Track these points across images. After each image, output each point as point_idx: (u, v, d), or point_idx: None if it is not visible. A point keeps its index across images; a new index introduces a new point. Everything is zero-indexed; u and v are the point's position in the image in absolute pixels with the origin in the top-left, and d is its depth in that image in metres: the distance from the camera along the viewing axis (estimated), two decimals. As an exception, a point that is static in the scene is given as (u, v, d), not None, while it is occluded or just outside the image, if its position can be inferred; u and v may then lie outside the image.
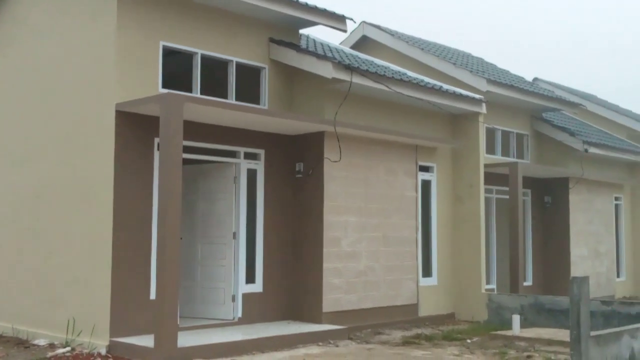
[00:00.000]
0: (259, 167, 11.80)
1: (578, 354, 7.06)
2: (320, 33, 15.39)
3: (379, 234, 12.67)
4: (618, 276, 19.38)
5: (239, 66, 11.90)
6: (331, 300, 11.70)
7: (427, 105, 13.54)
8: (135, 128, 10.15)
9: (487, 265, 15.51)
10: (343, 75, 11.65)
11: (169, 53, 11.04)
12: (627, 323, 10.50)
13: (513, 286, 14.64)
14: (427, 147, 13.89)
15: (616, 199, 19.53)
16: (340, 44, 17.29)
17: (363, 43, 17.66)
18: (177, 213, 9.09)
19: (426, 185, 14.10)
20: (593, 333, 7.34)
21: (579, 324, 7.07)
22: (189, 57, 11.34)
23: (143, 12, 10.53)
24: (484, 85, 15.15)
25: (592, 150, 17.46)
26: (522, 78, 18.94)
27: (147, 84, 10.46)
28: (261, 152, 11.82)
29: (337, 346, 10.44)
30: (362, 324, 12.03)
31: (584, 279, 7.25)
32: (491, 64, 19.52)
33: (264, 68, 12.17)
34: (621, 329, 8.04)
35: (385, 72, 12.73)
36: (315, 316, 11.58)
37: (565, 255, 17.09)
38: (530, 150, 17.70)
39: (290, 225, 12.09)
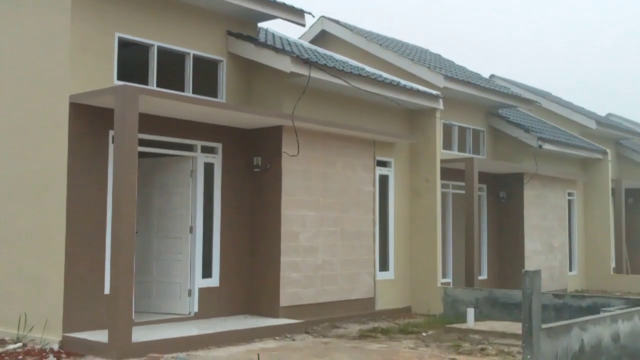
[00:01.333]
0: (217, 160, 11.72)
1: (529, 346, 7.17)
2: (279, 27, 15.36)
3: (337, 228, 12.71)
4: (570, 270, 19.79)
5: (196, 59, 11.79)
6: (289, 295, 11.70)
7: (385, 100, 13.62)
8: (89, 120, 9.99)
9: (444, 259, 15.70)
10: (301, 70, 11.64)
11: (124, 44, 10.87)
12: (578, 315, 10.72)
13: (468, 280, 14.84)
14: (385, 142, 13.97)
15: (569, 194, 19.93)
16: (300, 38, 17.27)
17: (322, 38, 17.67)
18: (132, 207, 8.99)
19: (384, 180, 14.20)
20: (544, 326, 7.45)
21: (531, 316, 7.18)
22: (145, 49, 11.19)
23: (98, 3, 10.36)
24: (441, 82, 15.29)
25: (546, 146, 17.78)
26: (479, 75, 19.18)
27: (102, 75, 10.30)
28: (218, 145, 11.74)
29: (293, 340, 10.46)
30: (319, 318, 12.06)
31: (536, 273, 7.36)
32: (449, 61, 19.71)
33: (222, 61, 12.09)
34: (571, 321, 8.18)
35: (344, 67, 12.75)
36: (273, 310, 11.57)
37: (519, 250, 17.38)
38: (486, 146, 17.95)
39: (248, 219, 12.05)
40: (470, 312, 12.06)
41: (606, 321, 8.68)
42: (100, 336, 9.15)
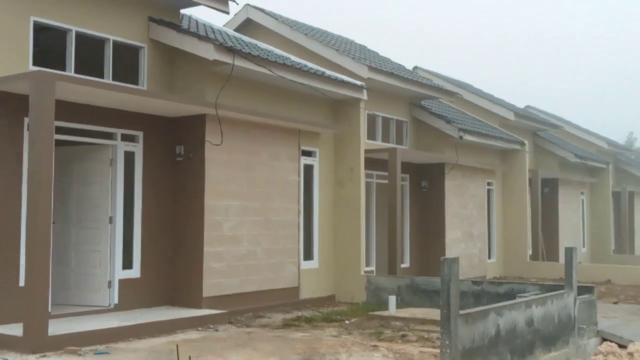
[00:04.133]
0: (137, 149, 11.48)
1: (447, 331, 7.34)
2: (203, 14, 15.16)
3: (261, 217, 12.67)
4: (489, 258, 20.38)
5: (117, 45, 11.50)
6: (212, 285, 11.61)
7: (310, 90, 13.64)
8: (2, 107, 9.61)
9: (367, 248, 15.90)
10: (225, 58, 11.51)
11: (41, 29, 10.50)
12: (496, 301, 11.03)
13: (391, 268, 15.09)
14: (310, 132, 14.00)
15: (488, 184, 20.50)
16: (224, 26, 17.08)
17: (247, 26, 17.52)
18: (48, 196, 8.71)
19: (309, 169, 14.24)
20: (462, 312, 7.65)
21: (449, 303, 7.35)
22: (62, 34, 10.84)
23: (12, -16, 9.95)
24: (365, 72, 15.43)
25: (467, 137, 18.21)
26: (403, 66, 19.44)
27: (16, 61, 9.92)
28: (139, 134, 11.50)
29: (217, 331, 10.39)
30: (243, 307, 12.02)
31: (454, 260, 7.54)
32: (373, 52, 19.90)
33: (143, 48, 11.83)
34: (488, 307, 8.42)
35: (268, 55, 12.69)
36: (195, 301, 11.45)
37: (440, 238, 17.78)
38: (409, 137, 18.24)
39: (171, 209, 11.87)
40: (392, 300, 12.26)
41: (521, 306, 8.98)
42: (15, 330, 8.85)
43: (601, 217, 27.22)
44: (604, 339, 11.05)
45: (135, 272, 11.31)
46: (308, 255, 14.08)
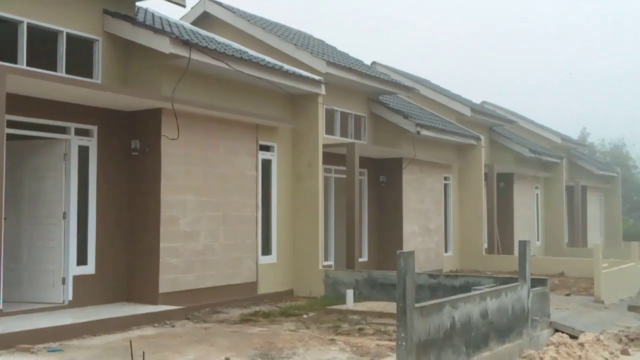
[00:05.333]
0: (92, 144, 11.30)
1: (403, 324, 7.41)
2: (160, 7, 14.96)
3: (218, 213, 12.60)
4: (446, 251, 20.63)
5: (70, 38, 11.30)
6: (168, 281, 11.50)
7: (268, 84, 13.59)
8: (-49, 100, 9.34)
9: (326, 242, 15.95)
10: (181, 51, 11.40)
11: (-10, 20, 10.25)
12: (452, 294, 11.17)
13: (349, 262, 15.15)
14: (268, 127, 13.96)
15: (445, 178, 20.73)
16: (181, 19, 16.89)
17: (204, 19, 17.37)
18: (-2, 192, 8.51)
19: (267, 164, 14.20)
20: (418, 305, 7.72)
21: (405, 296, 7.42)
22: (13, 25, 10.59)
23: (-40, -26, 9.70)
24: (323, 67, 15.45)
25: (424, 132, 18.37)
26: (361, 61, 19.51)
27: (-36, 52, 9.66)
28: (94, 128, 11.32)
29: (173, 327, 10.31)
30: (200, 303, 11.94)
31: (410, 254, 7.60)
32: (332, 47, 19.92)
33: (97, 40, 11.64)
34: (443, 300, 8.53)
35: (225, 49, 12.60)
36: (152, 297, 11.34)
37: (398, 232, 17.92)
38: (367, 132, 18.32)
39: (126, 204, 11.72)
40: (350, 294, 12.33)
41: (475, 299, 9.11)
42: (-36, 328, 8.65)
43: (555, 211, 27.78)
44: (557, 330, 11.29)
45: (89, 268, 11.14)
46: (266, 250, 14.06)
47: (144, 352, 7.44)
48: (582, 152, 35.79)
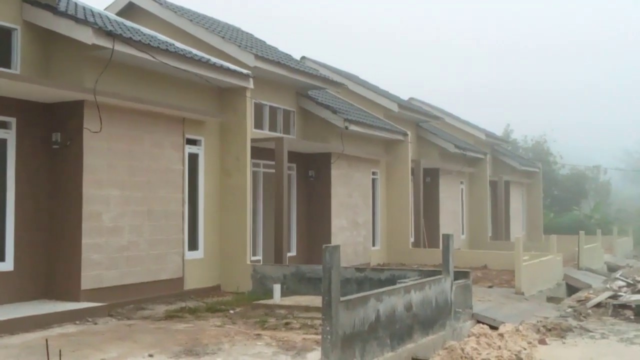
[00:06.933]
0: (10, 136, 10.90)
1: (329, 318, 7.47)
2: (83, -4, 14.53)
3: (143, 208, 12.37)
4: (374, 245, 20.86)
5: (-14, 25, 10.87)
6: (91, 277, 11.23)
7: (195, 77, 13.42)
8: None
9: (254, 237, 15.89)
10: (104, 42, 11.13)
11: None
12: (378, 288, 11.33)
13: (277, 257, 15.14)
14: (195, 120, 13.78)
15: (373, 173, 20.95)
16: (105, 9, 16.48)
17: (130, 10, 17.00)
18: None
19: (194, 158, 14.02)
20: (343, 298, 7.80)
21: (330, 290, 7.48)
22: None
23: None
24: (251, 61, 15.36)
25: (352, 127, 18.52)
26: (290, 56, 19.49)
27: None
28: (12, 120, 10.92)
29: (95, 324, 10.07)
30: (124, 300, 11.71)
31: (335, 248, 7.67)
32: (261, 40, 19.82)
33: (16, 29, 11.24)
34: (368, 293, 8.63)
35: (151, 41, 12.36)
36: (74, 294, 11.04)
37: (326, 226, 18.02)
38: (296, 126, 18.33)
39: (47, 199, 11.37)
40: (277, 288, 12.32)
41: (400, 292, 9.27)
42: None
43: (479, 205, 28.49)
44: (478, 322, 11.60)
45: (7, 265, 10.76)
46: (193, 246, 13.89)
47: (60, 350, 7.23)
48: (506, 148, 36.80)
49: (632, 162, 73.20)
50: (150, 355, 8.00)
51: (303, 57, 23.56)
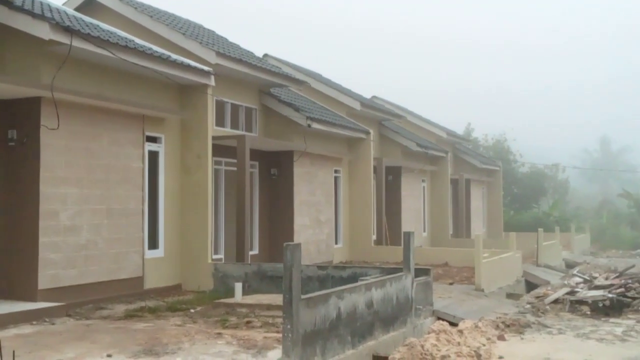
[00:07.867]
0: (-36, 133, 10.67)
1: (290, 316, 7.45)
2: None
3: (102, 206, 12.20)
4: (336, 243, 20.89)
5: (-61, 19, 10.59)
6: (48, 277, 11.03)
7: (155, 74, 13.26)
8: None
9: (216, 235, 15.79)
10: (62, 38, 10.94)
11: None
12: (340, 285, 11.36)
13: (239, 255, 15.07)
14: (155, 118, 13.63)
15: (336, 171, 20.99)
16: (64, 4, 16.19)
17: (89, 6, 16.70)
18: None
19: (154, 156, 13.87)
20: (304, 296, 7.79)
21: (291, 288, 7.46)
22: None
23: None
24: (213, 58, 15.24)
25: (315, 125, 18.51)
26: (252, 53, 19.39)
27: None
28: (-34, 116, 10.69)
29: (53, 324, 9.90)
30: (83, 299, 11.53)
31: (296, 246, 7.65)
32: (223, 37, 19.70)
33: (-30, 24, 10.98)
34: (329, 291, 8.65)
35: (110, 37, 12.18)
36: (30, 294, 10.84)
37: (289, 224, 17.99)
38: (258, 124, 18.25)
39: (3, 197, 11.13)
40: (238, 287, 12.26)
41: (361, 289, 9.30)
42: None
43: (441, 203, 28.75)
44: (439, 318, 11.70)
45: (-39, 265, 10.53)
46: (153, 244, 13.73)
47: (13, 351, 7.08)
48: (467, 147, 37.16)
49: (591, 161, 74.71)
50: (109, 356, 7.89)
51: (265, 55, 23.47)
